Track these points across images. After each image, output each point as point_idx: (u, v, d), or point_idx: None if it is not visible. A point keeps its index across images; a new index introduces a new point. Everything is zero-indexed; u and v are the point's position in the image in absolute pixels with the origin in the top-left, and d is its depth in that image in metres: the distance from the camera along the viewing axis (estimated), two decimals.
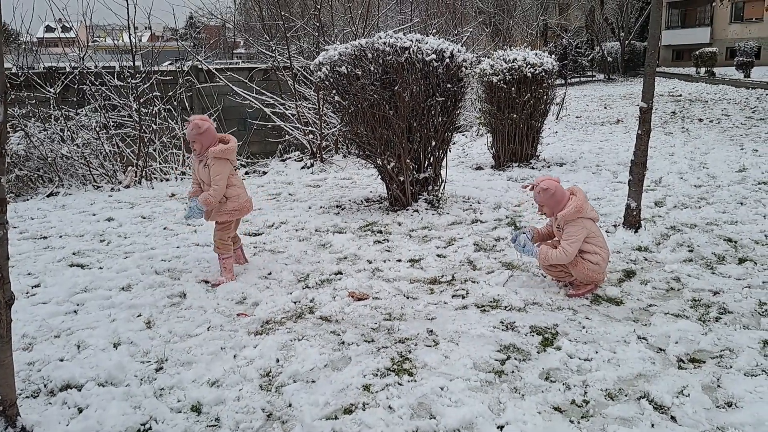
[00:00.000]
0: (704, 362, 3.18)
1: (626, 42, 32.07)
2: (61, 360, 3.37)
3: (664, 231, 5.43)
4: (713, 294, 4.05)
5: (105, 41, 14.12)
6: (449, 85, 6.43)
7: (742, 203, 6.32)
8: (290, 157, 11.57)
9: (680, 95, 19.79)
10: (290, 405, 2.91)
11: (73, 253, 5.44)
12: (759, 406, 2.73)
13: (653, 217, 5.90)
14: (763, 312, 3.73)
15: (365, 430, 2.70)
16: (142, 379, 3.16)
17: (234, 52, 33.73)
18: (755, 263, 4.57)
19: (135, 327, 3.79)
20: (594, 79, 31.53)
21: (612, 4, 33.82)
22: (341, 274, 4.71)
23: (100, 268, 5.02)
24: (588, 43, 34.35)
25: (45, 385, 3.12)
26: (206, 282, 4.57)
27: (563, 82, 23.79)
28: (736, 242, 5.09)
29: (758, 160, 8.63)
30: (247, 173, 10.71)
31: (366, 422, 2.74)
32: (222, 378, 3.16)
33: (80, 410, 2.89)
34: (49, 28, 15.49)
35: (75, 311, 4.11)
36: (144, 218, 6.74)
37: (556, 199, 4.04)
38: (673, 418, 2.71)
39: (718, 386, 2.94)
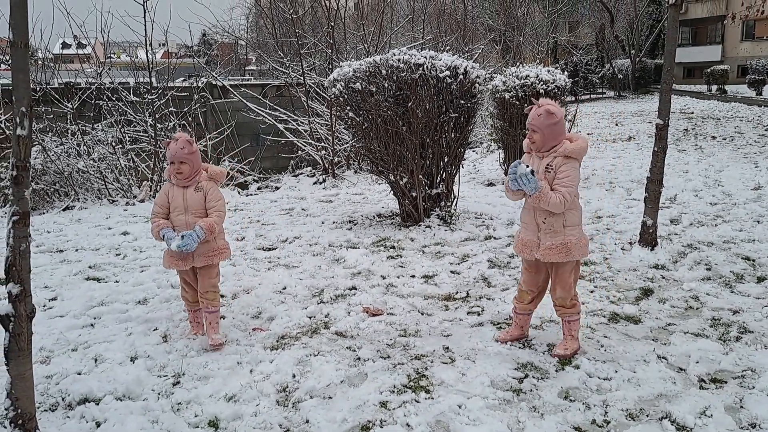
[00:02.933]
0: (726, 382, 3.14)
1: (637, 59, 32.11)
2: (79, 373, 3.38)
3: (681, 249, 5.39)
4: (733, 313, 4.01)
5: (120, 57, 14.34)
6: (462, 102, 6.46)
7: (758, 221, 6.27)
8: (302, 173, 11.63)
9: (692, 112, 19.74)
10: (307, 421, 2.90)
11: (90, 267, 5.47)
12: None
13: (669, 234, 5.87)
14: None
15: None
16: (159, 394, 3.16)
17: (246, 68, 34.09)
18: None
19: (152, 341, 3.79)
20: (604, 96, 31.54)
21: (622, 21, 33.95)
22: (355, 289, 4.71)
23: (117, 281, 5.05)
24: (598, 60, 34.43)
25: (63, 399, 3.12)
26: (221, 296, 4.56)
27: (574, 98, 23.81)
28: (754, 261, 5.04)
29: None
30: (259, 188, 10.77)
31: None
32: (239, 393, 3.15)
33: (98, 424, 2.88)
34: (65, 45, 15.73)
35: (92, 325, 4.13)
36: None
37: (556, 132, 3.31)
38: None
39: (741, 407, 2.90)
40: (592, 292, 4.45)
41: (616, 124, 18.02)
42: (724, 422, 2.75)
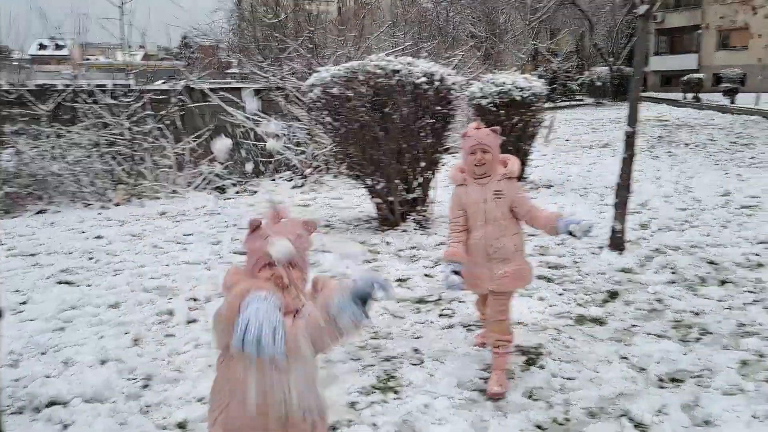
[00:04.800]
0: (684, 381, 3.24)
1: (615, 67, 32.55)
2: (48, 377, 3.37)
3: (649, 253, 5.52)
4: (695, 315, 4.12)
5: (98, 59, 14.24)
6: (439, 108, 6.53)
7: (725, 226, 6.43)
8: (281, 177, 11.63)
9: (667, 120, 20.08)
10: None
11: (62, 271, 5.43)
12: (735, 425, 2.79)
13: (638, 239, 5.99)
14: (742, 333, 3.81)
15: None
16: (128, 396, 3.17)
17: (227, 72, 33.93)
18: (736, 285, 4.66)
19: (123, 344, 3.80)
20: (583, 103, 31.90)
21: (602, 29, 34.39)
22: None
23: (89, 285, 5.02)
24: (578, 67, 34.86)
25: (31, 402, 3.12)
26: (195, 300, 4.58)
27: (552, 105, 24.06)
28: (718, 264, 5.18)
29: (742, 184, 8.78)
30: (237, 192, 10.75)
31: None
32: (209, 395, 3.16)
33: (65, 426, 2.89)
34: (41, 46, 15.60)
35: (63, 328, 4.11)
36: (134, 236, 6.74)
37: (498, 152, 3.16)
38: None
39: (697, 405, 3.00)
40: (560, 294, 4.54)
41: (594, 131, 18.26)
42: (680, 420, 2.85)
